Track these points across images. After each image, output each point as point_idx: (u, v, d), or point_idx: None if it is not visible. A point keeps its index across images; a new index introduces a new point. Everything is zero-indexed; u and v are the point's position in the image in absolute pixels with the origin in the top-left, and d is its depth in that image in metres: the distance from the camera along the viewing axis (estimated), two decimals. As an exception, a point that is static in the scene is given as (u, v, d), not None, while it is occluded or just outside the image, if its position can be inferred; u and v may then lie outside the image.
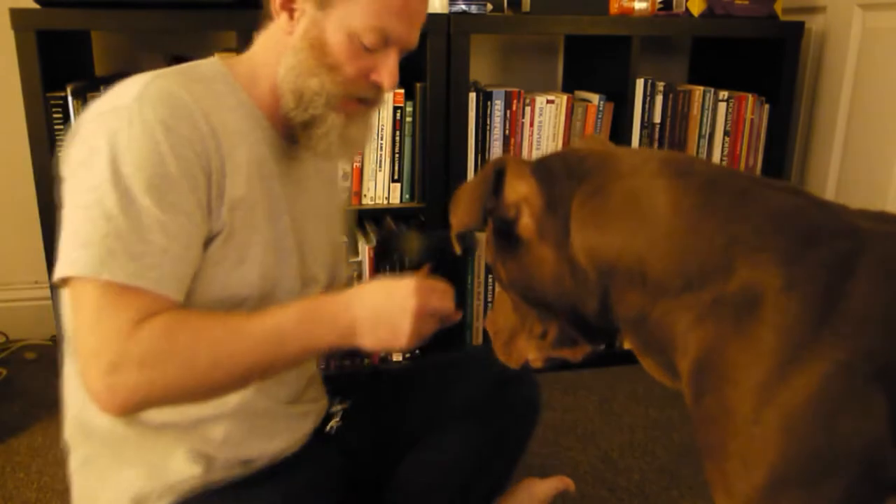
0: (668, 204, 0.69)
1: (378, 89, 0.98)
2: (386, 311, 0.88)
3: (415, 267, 1.04)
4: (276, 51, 0.96)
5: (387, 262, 1.09)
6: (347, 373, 1.24)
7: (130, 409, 0.83)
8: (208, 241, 0.89)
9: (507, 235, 0.79)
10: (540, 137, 1.92)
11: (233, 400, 0.95)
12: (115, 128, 0.84)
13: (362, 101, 0.99)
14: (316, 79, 0.94)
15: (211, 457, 0.95)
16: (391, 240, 1.08)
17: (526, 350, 0.88)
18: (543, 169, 0.76)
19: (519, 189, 0.75)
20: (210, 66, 0.98)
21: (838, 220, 0.68)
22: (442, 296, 0.92)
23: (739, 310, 0.65)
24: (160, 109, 0.85)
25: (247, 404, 0.97)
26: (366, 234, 1.88)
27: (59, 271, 0.82)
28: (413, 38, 0.98)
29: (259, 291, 0.94)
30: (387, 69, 0.97)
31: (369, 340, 0.89)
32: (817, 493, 0.62)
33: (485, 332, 2.01)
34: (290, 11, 0.94)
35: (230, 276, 0.91)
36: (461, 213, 0.78)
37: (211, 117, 0.89)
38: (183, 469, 0.94)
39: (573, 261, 0.74)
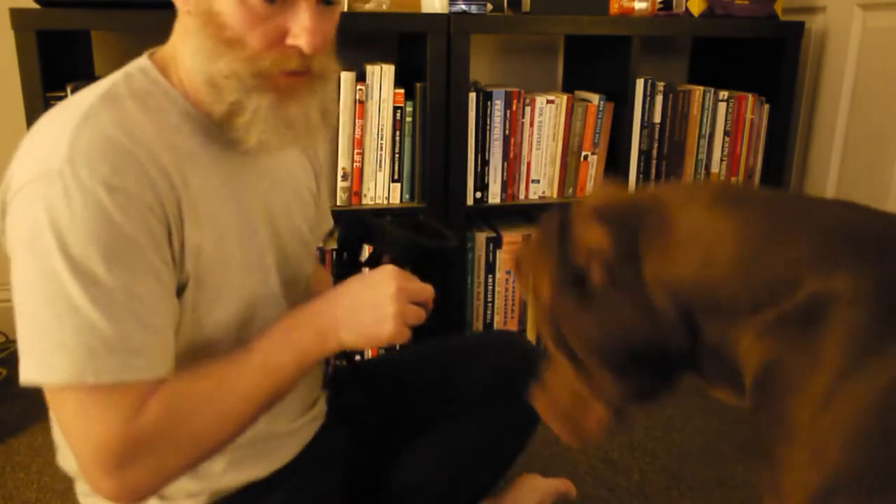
0: (731, 228, 0.69)
1: (302, 54, 0.81)
2: (365, 300, 0.83)
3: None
4: (184, 36, 0.83)
5: (351, 265, 1.02)
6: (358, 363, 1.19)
7: (152, 492, 0.79)
8: (178, 291, 0.82)
9: (576, 289, 0.74)
10: (540, 137, 1.92)
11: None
12: (50, 200, 0.72)
13: (294, 72, 0.82)
14: (221, 60, 0.79)
15: (213, 487, 0.93)
16: (365, 229, 0.98)
17: (600, 415, 0.82)
18: (606, 215, 0.74)
19: (589, 238, 0.73)
20: (142, 74, 0.85)
21: None
22: (420, 283, 0.86)
23: (803, 322, 0.65)
24: (98, 166, 0.73)
25: (249, 435, 0.93)
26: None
27: (34, 376, 0.74)
28: None
29: (241, 317, 0.89)
30: (300, 25, 0.78)
31: (355, 335, 0.84)
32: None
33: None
34: None
35: (208, 317, 0.86)
36: (542, 288, 0.74)
37: (157, 150, 0.79)
38: (185, 501, 0.92)
39: (650, 301, 0.72)
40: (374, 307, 0.82)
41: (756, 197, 0.73)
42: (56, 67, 1.65)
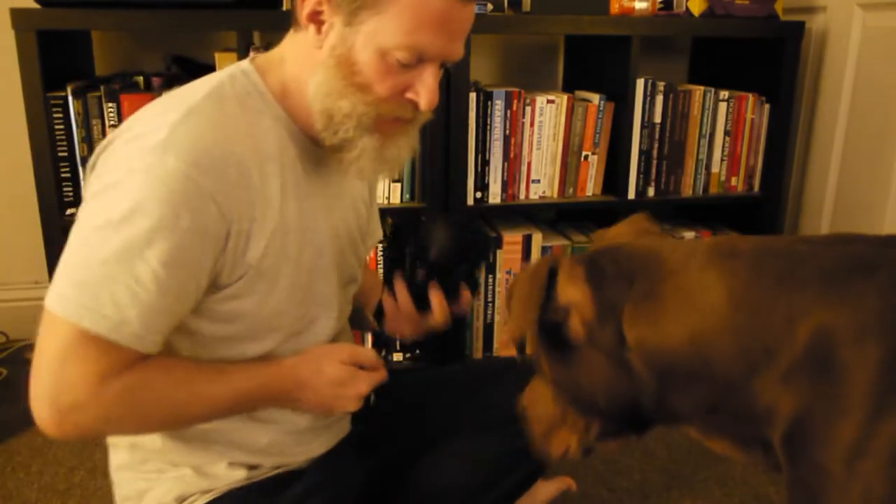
0: (723, 295, 0.68)
1: (416, 107, 0.91)
2: (332, 399, 0.96)
3: (439, 268, 1.02)
4: (306, 64, 0.90)
5: (398, 260, 1.07)
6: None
7: (72, 440, 0.90)
8: (224, 285, 0.89)
9: (553, 336, 0.76)
10: (540, 137, 1.92)
11: (277, 416, 1.00)
12: (135, 169, 0.81)
13: (400, 118, 0.92)
14: (346, 100, 0.88)
15: (254, 464, 1.00)
16: (410, 233, 1.03)
17: (567, 441, 0.84)
18: (595, 271, 0.73)
19: (570, 293, 0.72)
20: (244, 76, 0.93)
21: (889, 253, 0.66)
22: (376, 372, 0.99)
23: (817, 369, 0.64)
24: (185, 156, 0.81)
25: (290, 421, 1.01)
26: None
27: (49, 302, 0.82)
28: (456, 51, 0.89)
29: (293, 313, 0.96)
30: (424, 87, 0.88)
31: (310, 411, 1.00)
32: None
33: (485, 332, 2.01)
34: (319, 24, 0.87)
35: (261, 307, 0.92)
36: (518, 321, 0.75)
37: (245, 153, 0.86)
38: (226, 474, 0.99)
39: (627, 365, 0.72)
40: (338, 405, 0.97)
41: (746, 250, 0.71)
42: (56, 67, 1.65)
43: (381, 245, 1.82)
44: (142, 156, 0.81)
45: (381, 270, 1.82)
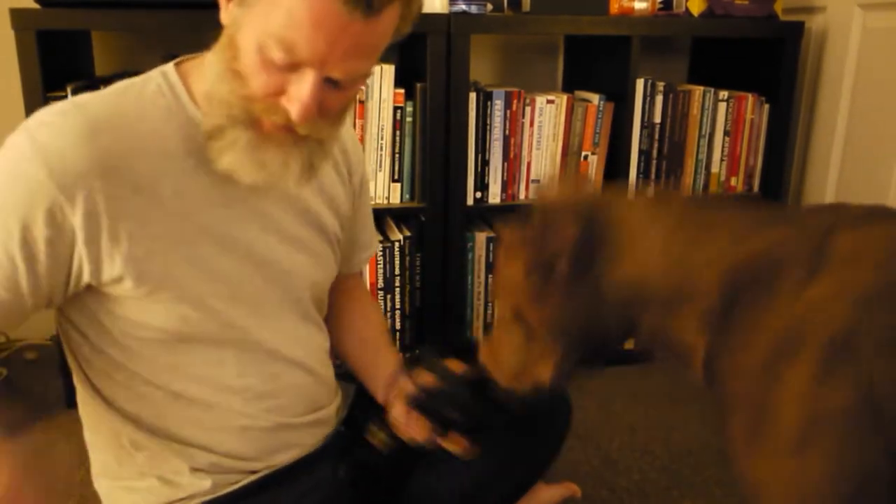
0: (655, 240, 0.81)
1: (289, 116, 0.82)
2: None
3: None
4: (213, 48, 0.87)
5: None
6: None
7: None
8: (109, 283, 0.85)
9: (546, 277, 0.85)
10: (540, 137, 1.92)
11: (238, 421, 0.97)
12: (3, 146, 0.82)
13: (276, 124, 0.83)
14: (224, 84, 0.82)
15: (219, 472, 0.97)
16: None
17: (541, 373, 0.93)
18: (579, 212, 0.84)
19: (564, 233, 0.83)
20: (162, 77, 0.90)
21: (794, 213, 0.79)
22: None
23: (725, 310, 0.76)
24: (43, 142, 0.80)
25: (253, 424, 0.98)
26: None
27: None
28: (334, 63, 0.79)
29: (216, 321, 0.92)
30: (296, 93, 0.80)
31: None
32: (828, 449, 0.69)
33: (484, 333, 2.02)
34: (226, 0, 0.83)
35: (169, 316, 0.89)
36: (520, 271, 0.86)
37: (127, 147, 0.83)
38: (192, 483, 0.96)
39: (601, 294, 0.83)
40: None
41: (679, 202, 0.85)
42: (56, 67, 1.65)
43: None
44: (10, 140, 0.82)
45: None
